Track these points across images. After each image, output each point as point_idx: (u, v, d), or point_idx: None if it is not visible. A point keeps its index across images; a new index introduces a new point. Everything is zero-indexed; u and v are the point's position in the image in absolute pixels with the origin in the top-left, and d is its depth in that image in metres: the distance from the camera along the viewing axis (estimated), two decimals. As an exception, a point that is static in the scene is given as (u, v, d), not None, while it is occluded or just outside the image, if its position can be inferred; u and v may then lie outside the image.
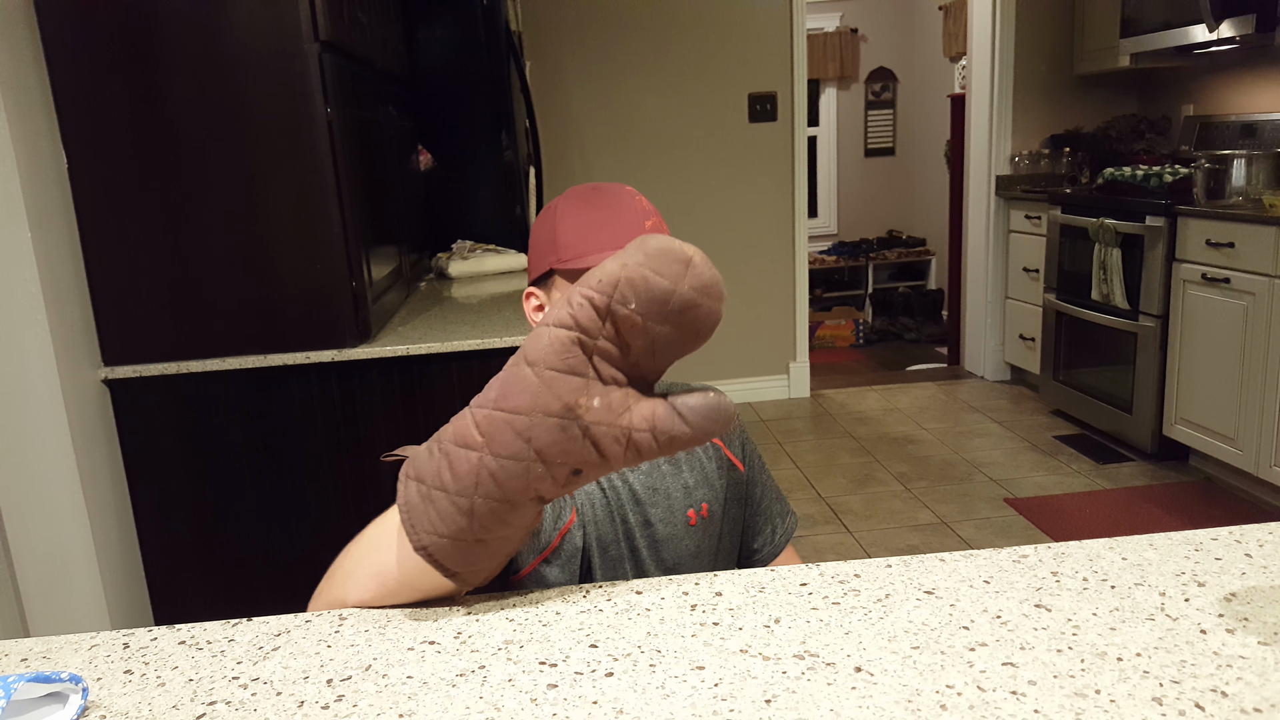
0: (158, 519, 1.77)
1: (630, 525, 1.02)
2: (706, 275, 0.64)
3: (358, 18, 1.90)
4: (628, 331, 0.64)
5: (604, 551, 1.00)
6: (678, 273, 0.64)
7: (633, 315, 0.64)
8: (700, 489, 1.07)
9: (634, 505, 1.02)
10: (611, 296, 0.64)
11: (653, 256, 0.64)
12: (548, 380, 0.65)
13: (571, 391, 0.65)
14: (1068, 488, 3.26)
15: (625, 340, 0.65)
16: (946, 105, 5.40)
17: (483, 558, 0.69)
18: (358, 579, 0.74)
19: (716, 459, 1.11)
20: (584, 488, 1.00)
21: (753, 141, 4.27)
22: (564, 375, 0.65)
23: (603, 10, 4.09)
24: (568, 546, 0.97)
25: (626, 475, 1.03)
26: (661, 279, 0.63)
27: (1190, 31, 3.40)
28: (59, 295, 1.58)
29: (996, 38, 4.31)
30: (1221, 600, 0.68)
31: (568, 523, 0.97)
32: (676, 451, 0.67)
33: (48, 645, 0.71)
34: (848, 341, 5.78)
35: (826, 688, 0.59)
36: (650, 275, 0.63)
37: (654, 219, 0.99)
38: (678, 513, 1.04)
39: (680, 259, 0.64)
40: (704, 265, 0.65)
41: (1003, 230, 4.46)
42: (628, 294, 0.63)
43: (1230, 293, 2.97)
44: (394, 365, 1.76)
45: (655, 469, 1.05)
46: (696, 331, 0.65)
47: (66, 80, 1.59)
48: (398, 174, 2.27)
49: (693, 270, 0.64)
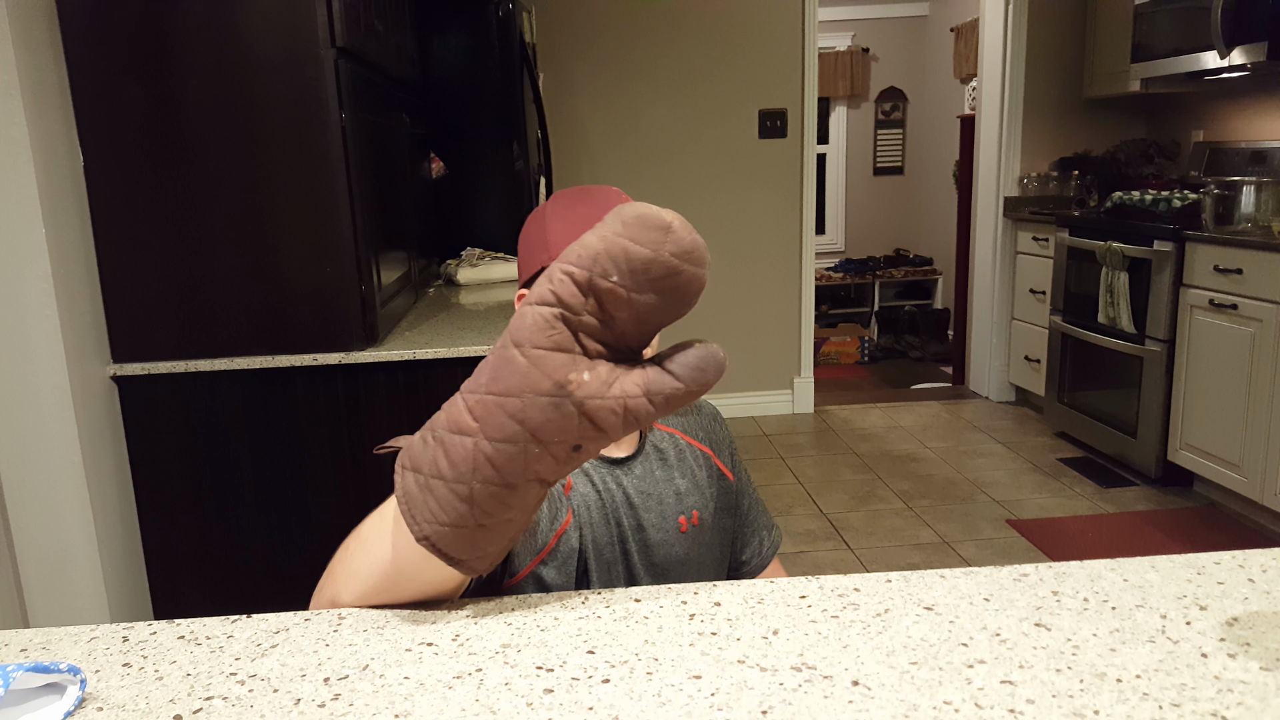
0: (161, 515, 1.77)
1: (624, 529, 1.02)
2: (687, 240, 0.62)
3: (374, 25, 1.91)
4: (611, 304, 0.63)
5: (599, 554, 1.00)
6: (657, 240, 0.62)
7: (615, 288, 0.62)
8: (692, 495, 1.08)
9: (628, 509, 1.03)
10: (592, 270, 0.62)
11: (630, 225, 0.62)
12: (535, 359, 0.63)
13: (560, 368, 0.63)
14: (1070, 510, 3.25)
15: (609, 313, 0.63)
16: (956, 126, 5.41)
17: (486, 542, 0.68)
18: (360, 575, 0.74)
19: (707, 467, 1.11)
20: (580, 490, 1.00)
21: (762, 157, 4.28)
22: (551, 353, 0.63)
23: (616, 24, 4.11)
24: (564, 548, 0.97)
25: (621, 479, 1.03)
26: (641, 248, 0.62)
27: (1201, 58, 3.41)
28: (70, 291, 1.59)
29: (1007, 60, 4.32)
30: (1223, 624, 0.67)
31: (564, 524, 0.97)
32: (676, 409, 0.66)
33: (47, 636, 0.71)
34: (852, 358, 5.78)
35: (823, 700, 0.59)
36: (629, 245, 0.62)
37: None
38: (670, 518, 1.05)
39: (659, 225, 0.62)
40: (683, 230, 0.63)
41: (1010, 251, 4.46)
42: (608, 266, 0.62)
43: (1237, 319, 2.97)
44: (400, 369, 1.77)
45: (649, 474, 1.05)
46: (681, 298, 0.63)
47: (85, 80, 1.60)
48: (409, 180, 2.28)
49: (672, 236, 0.62)
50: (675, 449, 1.09)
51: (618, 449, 1.05)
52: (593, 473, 1.02)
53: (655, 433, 1.10)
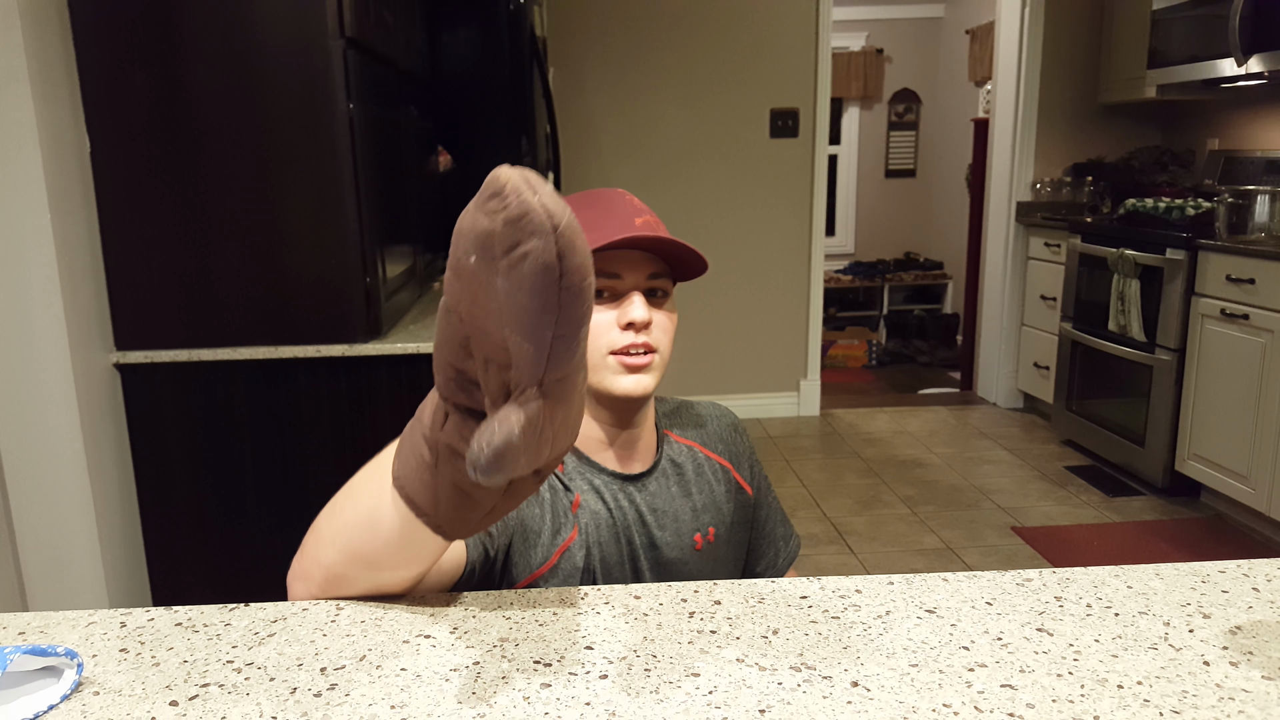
0: (162, 503, 1.77)
1: (635, 547, 1.00)
2: (514, 204, 0.51)
3: (383, 17, 1.91)
4: (480, 292, 0.54)
5: (608, 572, 0.98)
6: (494, 208, 0.52)
7: (476, 271, 0.54)
8: (708, 513, 1.05)
9: (640, 527, 1.00)
10: (458, 251, 0.55)
11: (481, 193, 0.54)
12: (443, 340, 0.60)
13: (458, 358, 0.59)
14: (1076, 519, 3.23)
15: (484, 304, 0.55)
16: (969, 129, 5.39)
17: (458, 504, 0.63)
18: (345, 523, 0.70)
19: (725, 482, 1.09)
20: (590, 507, 0.98)
21: (773, 157, 4.27)
22: (445, 344, 0.59)
23: (629, 19, 4.10)
24: (566, 565, 0.95)
25: (634, 495, 1.01)
26: (484, 218, 0.53)
27: (1218, 65, 3.39)
28: (75, 278, 1.59)
29: (1022, 64, 4.30)
30: (1226, 633, 0.67)
31: (567, 540, 0.95)
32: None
33: (45, 620, 0.71)
34: (860, 362, 5.76)
35: (822, 700, 0.59)
36: (479, 217, 0.53)
37: (646, 216, 0.96)
38: (685, 536, 1.03)
39: (495, 190, 0.52)
40: (515, 190, 0.52)
41: (1021, 257, 4.45)
42: (467, 245, 0.54)
43: (1249, 329, 2.95)
44: (403, 362, 1.77)
45: (664, 490, 1.03)
46: (536, 288, 0.51)
47: (93, 66, 1.60)
48: (416, 173, 2.28)
49: (505, 201, 0.52)
50: (693, 463, 1.07)
51: (632, 464, 1.03)
52: (604, 490, 0.99)
53: (672, 445, 1.08)
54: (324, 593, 0.74)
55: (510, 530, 0.91)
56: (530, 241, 0.51)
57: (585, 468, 1.00)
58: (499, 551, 0.89)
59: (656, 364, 0.97)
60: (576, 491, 0.98)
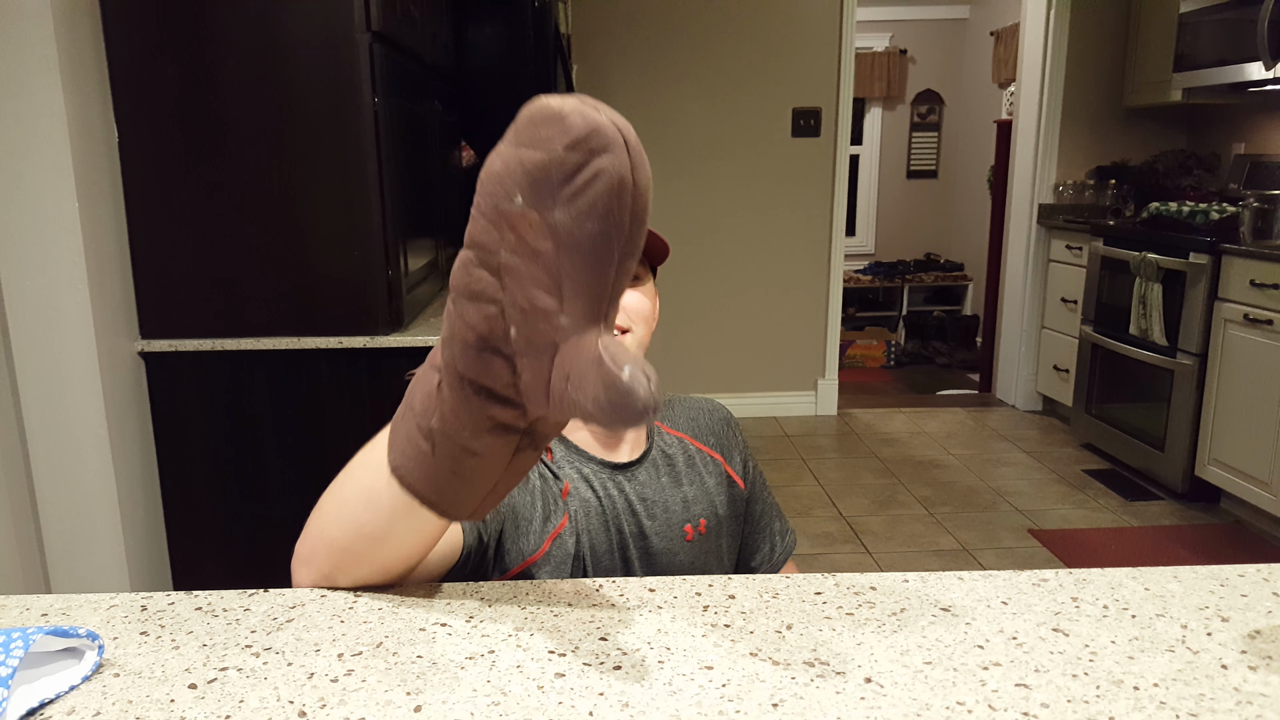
0: (183, 490, 1.79)
1: (625, 536, 0.99)
2: (580, 125, 0.47)
3: (410, 11, 1.92)
4: (529, 233, 0.51)
5: (597, 561, 0.97)
6: (549, 136, 0.48)
7: (525, 211, 0.50)
8: (699, 504, 1.05)
9: (630, 516, 0.99)
10: (496, 196, 0.51)
11: (521, 129, 0.50)
12: (460, 310, 0.56)
13: (484, 320, 0.55)
14: (1093, 523, 3.21)
15: (532, 246, 0.51)
16: (992, 130, 5.35)
17: (459, 487, 0.63)
18: (345, 502, 0.71)
19: (716, 474, 1.09)
20: (580, 495, 0.97)
21: (794, 156, 4.26)
22: (471, 302, 0.55)
23: (652, 17, 4.10)
24: (558, 552, 0.94)
25: (623, 484, 1.00)
26: (534, 151, 0.49)
27: (1246, 69, 3.35)
28: (101, 267, 1.61)
29: (1047, 66, 4.27)
30: (1245, 637, 0.66)
31: (558, 527, 0.94)
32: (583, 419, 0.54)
33: (68, 602, 0.72)
34: (878, 362, 5.74)
35: (835, 696, 0.59)
36: (524, 153, 0.50)
37: None
38: (675, 526, 1.02)
39: (547, 117, 0.48)
40: (578, 113, 0.48)
41: (1043, 259, 4.42)
42: (510, 187, 0.50)
43: (1272, 335, 2.92)
44: (424, 355, 1.77)
45: (654, 480, 1.02)
46: (607, 210, 0.48)
47: (122, 57, 1.62)
48: (439, 168, 2.29)
49: (564, 125, 0.48)
50: (684, 455, 1.07)
51: (621, 453, 1.02)
52: (593, 478, 0.99)
53: (664, 437, 1.07)
54: (326, 577, 0.73)
55: (502, 517, 0.91)
56: (600, 159, 0.48)
57: (573, 455, 1.00)
58: (491, 538, 0.89)
59: (629, 345, 0.96)
60: (565, 479, 0.97)
